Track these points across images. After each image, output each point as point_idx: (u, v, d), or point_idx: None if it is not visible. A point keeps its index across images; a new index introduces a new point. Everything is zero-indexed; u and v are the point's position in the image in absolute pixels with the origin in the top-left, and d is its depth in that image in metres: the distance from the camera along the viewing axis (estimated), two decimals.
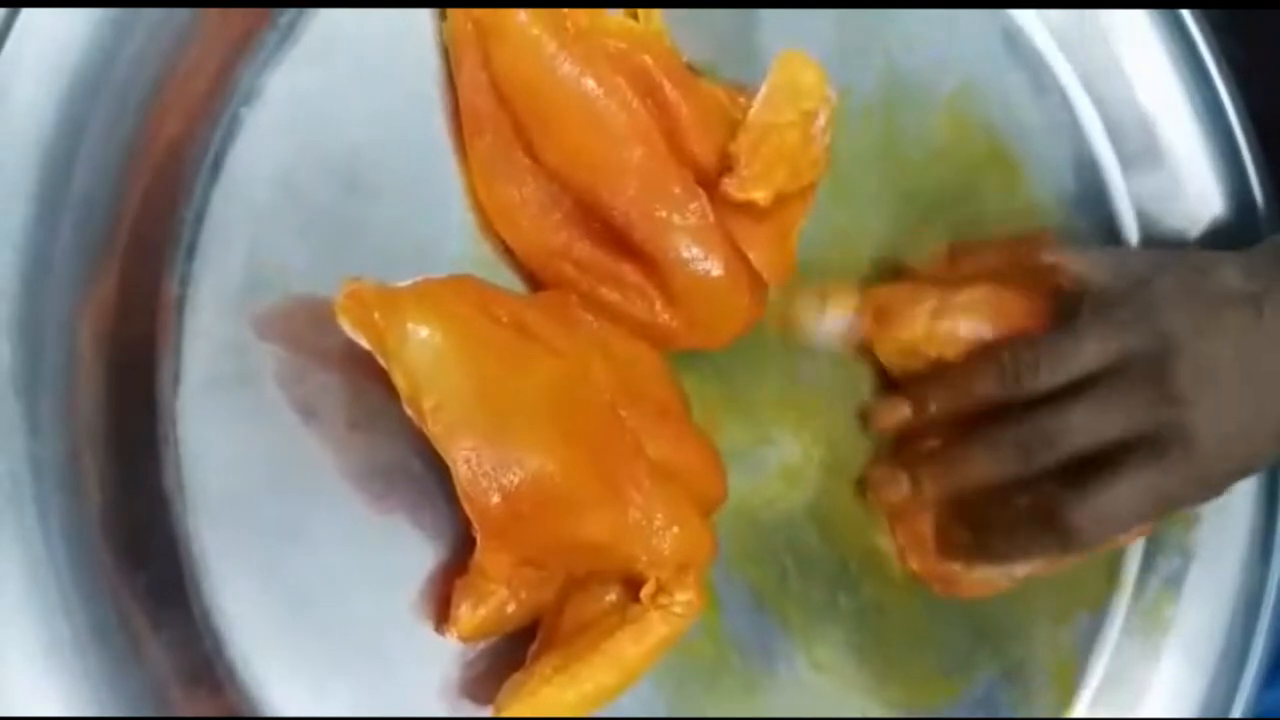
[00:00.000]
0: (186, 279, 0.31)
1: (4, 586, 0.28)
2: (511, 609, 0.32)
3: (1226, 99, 0.45)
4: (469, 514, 0.30)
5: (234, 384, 0.31)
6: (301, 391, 0.32)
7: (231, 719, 0.31)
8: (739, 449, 0.38)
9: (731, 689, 0.38)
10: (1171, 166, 0.45)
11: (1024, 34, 0.44)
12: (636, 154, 0.33)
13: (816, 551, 0.40)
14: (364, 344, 0.30)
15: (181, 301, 0.31)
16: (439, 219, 0.34)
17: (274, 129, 0.32)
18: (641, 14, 0.35)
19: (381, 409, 0.32)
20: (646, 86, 0.34)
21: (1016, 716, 0.43)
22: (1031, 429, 0.38)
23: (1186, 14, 0.45)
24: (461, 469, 0.30)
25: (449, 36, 0.34)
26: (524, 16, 0.33)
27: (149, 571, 0.30)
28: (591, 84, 0.33)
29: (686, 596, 0.32)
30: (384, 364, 0.30)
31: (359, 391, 0.33)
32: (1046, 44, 0.44)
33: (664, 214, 0.33)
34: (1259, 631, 0.46)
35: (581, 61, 0.33)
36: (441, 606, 0.33)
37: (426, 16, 0.34)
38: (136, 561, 0.30)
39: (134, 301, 0.31)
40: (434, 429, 0.30)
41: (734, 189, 0.33)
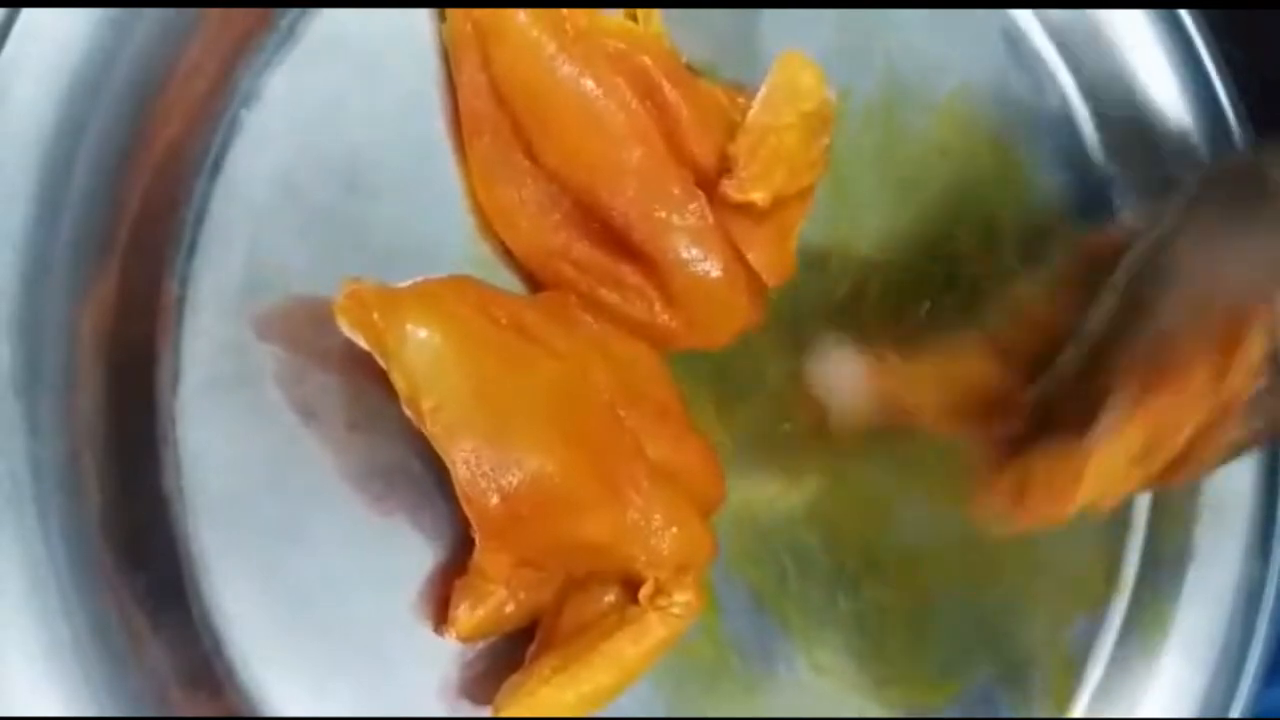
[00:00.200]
0: (186, 279, 0.31)
1: (4, 587, 0.29)
2: (510, 609, 0.32)
3: (1225, 99, 0.45)
4: (468, 514, 0.30)
5: (234, 384, 0.31)
6: (301, 392, 0.32)
7: (231, 719, 0.31)
8: (738, 449, 0.38)
9: (731, 690, 0.38)
10: (1171, 167, 0.45)
11: (1024, 34, 0.43)
12: (635, 155, 0.33)
13: (816, 553, 0.40)
14: (363, 344, 0.30)
15: (181, 302, 0.31)
16: (438, 220, 0.34)
17: (274, 130, 0.32)
18: (641, 15, 0.35)
19: (381, 410, 0.32)
20: (646, 87, 0.34)
21: (1016, 717, 0.43)
22: None
23: (1185, 14, 0.45)
24: (460, 469, 0.30)
25: (448, 37, 0.34)
26: (523, 17, 0.33)
27: (149, 572, 0.30)
28: (591, 85, 0.33)
29: (685, 597, 0.32)
30: (383, 364, 0.30)
31: (359, 392, 0.33)
32: (1046, 44, 0.44)
33: (663, 214, 0.33)
34: (1258, 631, 0.45)
35: (581, 62, 0.33)
36: (440, 607, 0.33)
37: (426, 17, 0.34)
38: (136, 562, 0.30)
39: (134, 302, 0.31)
40: (433, 429, 0.30)
41: (733, 190, 0.33)
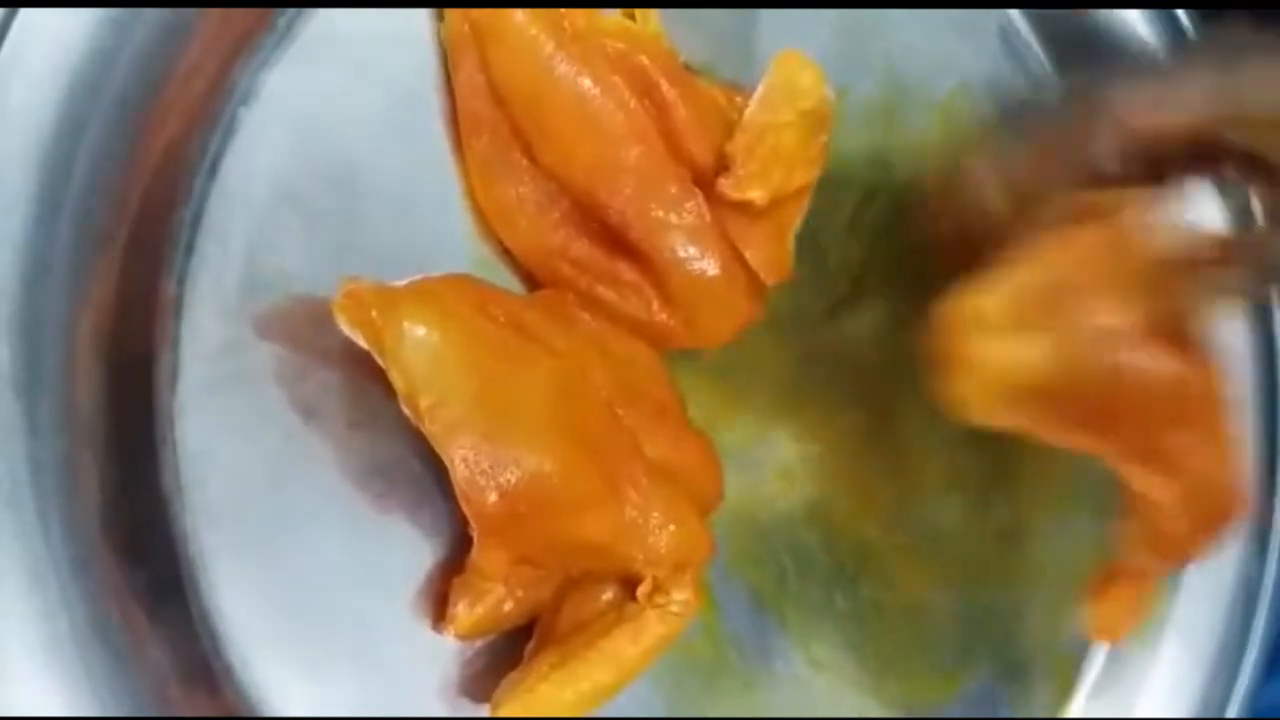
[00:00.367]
0: (185, 279, 0.31)
1: (3, 585, 0.29)
2: (508, 607, 0.32)
3: None
4: (466, 512, 0.30)
5: (233, 384, 0.32)
6: (301, 391, 0.32)
7: (230, 718, 0.31)
8: (737, 448, 0.38)
9: (730, 688, 0.38)
10: None
11: (1023, 34, 0.43)
12: (633, 153, 0.33)
13: (815, 552, 0.40)
14: (362, 343, 0.30)
15: (180, 301, 0.31)
16: (437, 219, 0.34)
17: (272, 129, 0.32)
18: (639, 14, 0.35)
19: (381, 408, 0.32)
20: (644, 86, 0.34)
21: (1015, 714, 0.43)
22: None
23: (1183, 14, 0.45)
24: (459, 468, 0.30)
25: (446, 37, 0.34)
26: (521, 17, 0.33)
27: (148, 571, 0.30)
28: (589, 84, 0.33)
29: (683, 596, 0.32)
30: (382, 363, 0.30)
31: (359, 391, 0.33)
32: (1046, 44, 0.44)
33: (661, 213, 0.33)
34: (1257, 627, 0.46)
35: (579, 62, 0.33)
36: (439, 604, 0.33)
37: (424, 17, 0.34)
38: (135, 561, 0.30)
39: (133, 302, 0.31)
40: (431, 428, 0.30)
41: (730, 188, 0.33)
